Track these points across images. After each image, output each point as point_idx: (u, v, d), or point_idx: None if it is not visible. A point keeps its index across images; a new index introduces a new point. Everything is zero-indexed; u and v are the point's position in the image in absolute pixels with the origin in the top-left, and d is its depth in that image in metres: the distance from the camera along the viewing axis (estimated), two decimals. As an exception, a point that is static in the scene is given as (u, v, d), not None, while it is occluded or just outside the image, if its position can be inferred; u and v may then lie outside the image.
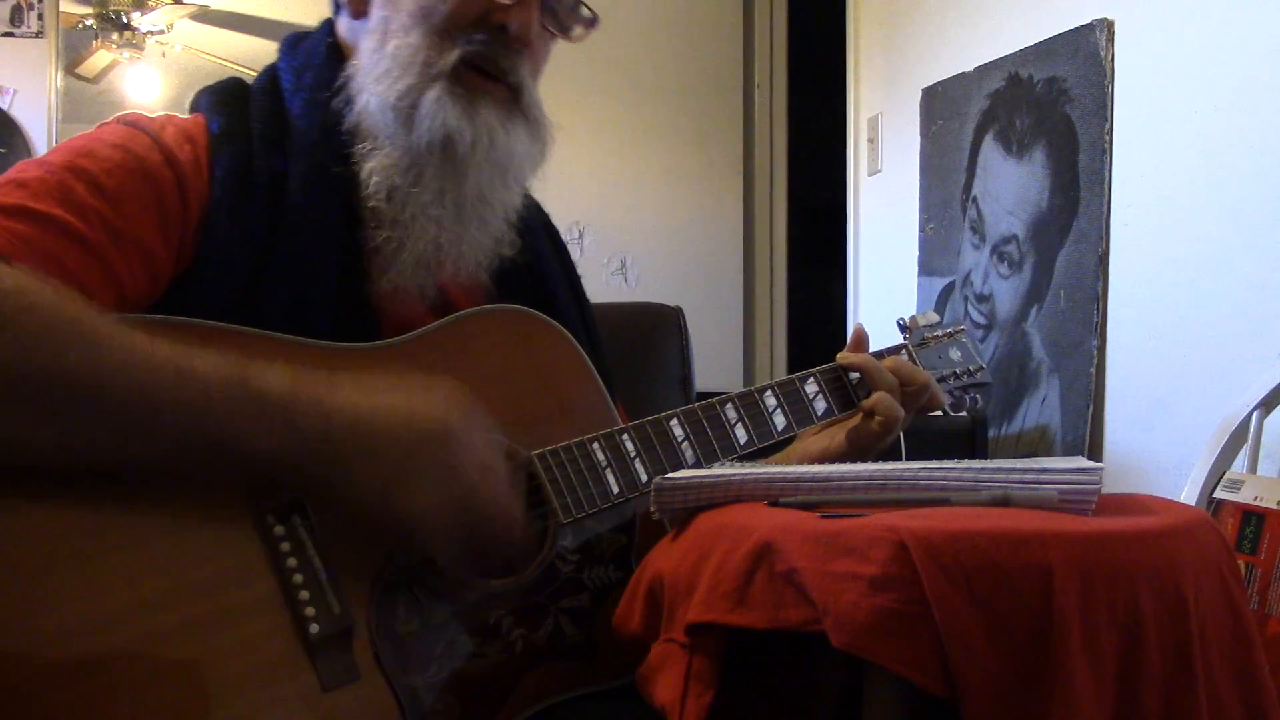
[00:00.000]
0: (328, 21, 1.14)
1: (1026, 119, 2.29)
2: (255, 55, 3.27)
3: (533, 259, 1.17)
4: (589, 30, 1.13)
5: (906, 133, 2.76)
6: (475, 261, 1.09)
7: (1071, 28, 2.14)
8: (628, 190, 3.61)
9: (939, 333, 1.28)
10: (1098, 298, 2.04)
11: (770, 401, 1.13)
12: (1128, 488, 1.85)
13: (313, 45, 1.11)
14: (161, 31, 3.28)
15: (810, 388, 1.16)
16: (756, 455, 1.13)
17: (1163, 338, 1.91)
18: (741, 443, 1.10)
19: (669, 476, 0.93)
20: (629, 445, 1.04)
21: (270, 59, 1.13)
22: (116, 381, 0.82)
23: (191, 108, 1.09)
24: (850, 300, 3.07)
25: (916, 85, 2.71)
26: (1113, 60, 2.03)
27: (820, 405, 1.16)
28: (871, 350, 1.21)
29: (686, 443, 1.07)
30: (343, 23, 1.12)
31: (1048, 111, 2.21)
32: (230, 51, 3.30)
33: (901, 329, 1.27)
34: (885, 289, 2.89)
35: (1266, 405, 1.55)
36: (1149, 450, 1.92)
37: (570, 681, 1.00)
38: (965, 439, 2.05)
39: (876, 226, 2.97)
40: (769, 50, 3.71)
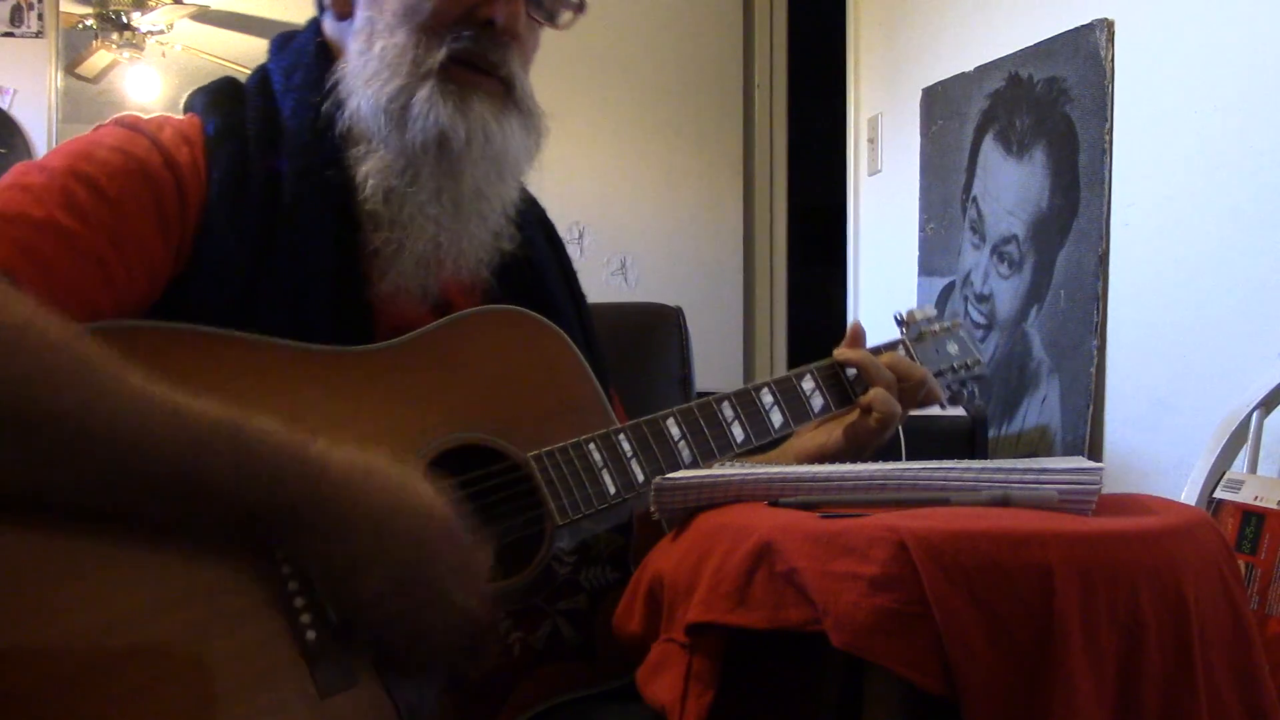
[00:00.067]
0: (315, 20, 1.12)
1: (1026, 119, 2.29)
2: (255, 55, 3.23)
3: (531, 253, 1.16)
4: (577, 16, 1.12)
5: (906, 133, 2.76)
6: (475, 258, 1.08)
7: (1071, 28, 2.14)
8: (628, 190, 3.60)
9: (936, 327, 1.28)
10: (1098, 298, 2.04)
11: (767, 399, 1.12)
12: (1128, 488, 1.85)
13: (301, 45, 1.10)
14: (161, 31, 3.28)
15: (807, 384, 1.15)
16: (753, 451, 1.12)
17: (1163, 338, 1.91)
18: (738, 441, 1.10)
19: (668, 477, 0.92)
20: (625, 445, 1.04)
21: (270, 59, 1.12)
22: (111, 429, 0.80)
23: (185, 108, 1.08)
24: (850, 300, 3.07)
25: (916, 85, 2.71)
26: (1113, 60, 2.03)
27: (817, 402, 1.15)
28: (868, 345, 1.20)
29: (683, 442, 1.07)
30: (328, 23, 1.11)
31: (1048, 111, 2.21)
32: (230, 51, 3.30)
33: (898, 323, 1.27)
34: (885, 289, 2.89)
35: (1266, 405, 1.55)
36: (1149, 450, 1.92)
37: (569, 683, 1.00)
38: (965, 439, 2.04)
39: (876, 226, 2.97)
40: (769, 50, 3.71)
